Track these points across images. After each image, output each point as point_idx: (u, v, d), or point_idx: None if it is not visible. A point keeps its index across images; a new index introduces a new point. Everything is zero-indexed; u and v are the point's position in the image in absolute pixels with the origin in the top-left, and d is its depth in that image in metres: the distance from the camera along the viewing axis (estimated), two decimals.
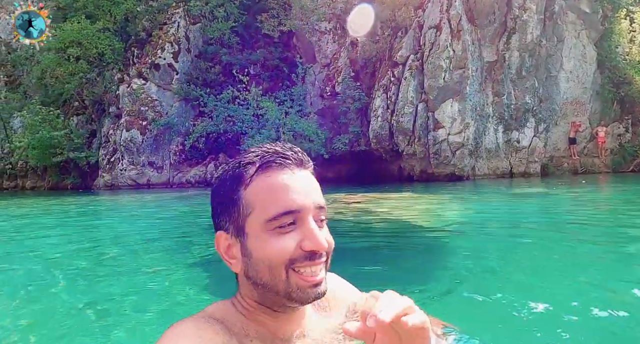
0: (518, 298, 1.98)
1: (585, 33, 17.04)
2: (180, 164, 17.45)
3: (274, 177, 0.83)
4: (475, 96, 14.68)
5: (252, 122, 15.86)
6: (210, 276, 2.84)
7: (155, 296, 2.46)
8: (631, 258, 2.83)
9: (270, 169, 0.83)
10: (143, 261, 3.55)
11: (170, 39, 17.38)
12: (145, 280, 2.87)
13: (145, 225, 6.14)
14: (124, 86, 17.58)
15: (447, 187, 10.91)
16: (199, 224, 5.72)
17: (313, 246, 0.80)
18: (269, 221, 0.81)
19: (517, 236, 3.98)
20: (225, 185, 0.86)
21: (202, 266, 3.19)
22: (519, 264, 2.76)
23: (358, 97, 15.57)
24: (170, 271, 3.11)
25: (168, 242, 4.45)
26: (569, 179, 13.78)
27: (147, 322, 2.03)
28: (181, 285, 2.70)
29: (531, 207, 6.64)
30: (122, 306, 2.29)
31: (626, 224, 4.56)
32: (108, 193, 15.42)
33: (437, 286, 2.34)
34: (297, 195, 0.82)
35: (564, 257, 2.90)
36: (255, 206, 0.82)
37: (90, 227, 6.07)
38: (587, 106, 17.25)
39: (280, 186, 0.82)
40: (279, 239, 0.81)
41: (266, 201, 0.81)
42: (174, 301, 2.35)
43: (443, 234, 4.24)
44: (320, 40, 16.84)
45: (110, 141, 18.02)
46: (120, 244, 4.42)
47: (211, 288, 2.59)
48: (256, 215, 0.82)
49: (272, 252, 0.80)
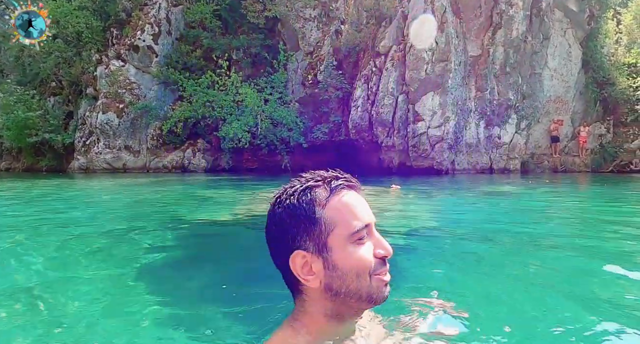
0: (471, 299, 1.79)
1: (572, 32, 16.96)
2: (158, 149, 17.08)
3: (348, 197, 0.97)
4: (458, 89, 14.52)
5: (232, 109, 15.52)
6: (143, 270, 2.62)
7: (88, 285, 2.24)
8: (594, 264, 2.68)
9: (343, 190, 0.98)
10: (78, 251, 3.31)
11: (150, 20, 16.91)
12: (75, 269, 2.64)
13: (96, 211, 5.89)
14: (102, 67, 17.10)
15: (424, 181, 10.75)
16: (149, 213, 5.48)
17: (385, 253, 0.97)
18: (353, 234, 0.94)
19: (474, 238, 3.81)
20: (300, 208, 0.95)
21: (146, 260, 2.98)
22: (478, 267, 2.56)
23: (340, 86, 15.32)
24: (107, 263, 2.88)
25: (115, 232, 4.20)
26: (536, 177, 13.75)
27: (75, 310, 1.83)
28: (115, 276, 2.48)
29: (495, 207, 6.51)
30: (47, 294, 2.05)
31: (590, 225, 4.42)
32: (82, 176, 15.04)
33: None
34: (367, 211, 0.99)
35: (527, 262, 2.72)
36: (338, 223, 0.94)
37: (40, 212, 5.80)
38: (570, 104, 17.23)
39: (355, 203, 0.97)
40: (360, 249, 0.94)
41: (347, 217, 0.94)
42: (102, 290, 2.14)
43: (405, 232, 3.87)
44: (304, 27, 16.52)
45: (86, 123, 17.56)
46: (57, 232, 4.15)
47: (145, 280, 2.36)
48: (339, 230, 0.94)
49: (359, 261, 0.94)
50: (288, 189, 0.99)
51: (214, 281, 2.27)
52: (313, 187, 0.96)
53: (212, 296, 1.97)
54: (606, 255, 2.70)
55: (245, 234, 3.91)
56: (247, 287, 2.03)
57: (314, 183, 0.97)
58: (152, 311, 1.73)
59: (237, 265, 2.64)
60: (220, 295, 1.95)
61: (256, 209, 5.22)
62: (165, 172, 16.30)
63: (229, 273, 2.44)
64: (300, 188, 0.97)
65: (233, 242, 3.51)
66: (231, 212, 5.04)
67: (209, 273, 2.46)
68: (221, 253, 3.11)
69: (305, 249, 0.94)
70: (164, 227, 3.99)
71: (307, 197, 0.95)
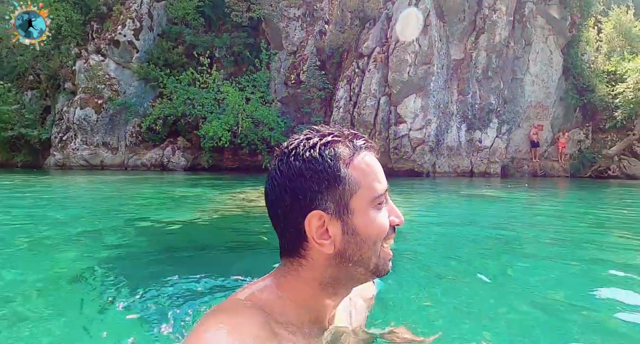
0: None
1: (553, 38, 17.16)
2: (136, 147, 16.76)
3: (370, 158, 0.89)
4: (440, 92, 14.56)
5: (212, 107, 15.31)
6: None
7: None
8: (563, 268, 2.62)
9: (365, 150, 0.89)
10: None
11: (132, 15, 16.60)
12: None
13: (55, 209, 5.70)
14: (81, 61, 16.72)
15: (403, 184, 10.71)
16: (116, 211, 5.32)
17: (398, 221, 0.90)
18: (376, 197, 0.86)
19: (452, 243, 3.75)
20: (325, 163, 0.84)
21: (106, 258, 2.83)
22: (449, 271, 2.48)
23: (323, 86, 15.24)
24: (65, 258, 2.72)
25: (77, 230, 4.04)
26: (517, 181, 13.85)
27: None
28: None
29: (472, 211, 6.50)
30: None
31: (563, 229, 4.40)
32: (56, 173, 14.68)
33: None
34: (383, 175, 0.90)
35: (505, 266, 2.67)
36: (362, 184, 0.85)
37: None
38: (550, 110, 17.43)
39: (375, 166, 0.89)
40: (380, 215, 0.87)
41: (371, 179, 0.87)
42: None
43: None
44: (288, 26, 16.40)
45: (64, 119, 17.15)
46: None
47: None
48: (363, 192, 0.85)
49: (379, 227, 0.87)
50: (304, 140, 0.87)
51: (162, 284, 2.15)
52: (335, 142, 0.86)
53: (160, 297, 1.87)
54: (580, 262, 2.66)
55: (207, 234, 3.79)
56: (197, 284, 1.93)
57: (334, 138, 0.87)
58: (93, 312, 1.68)
59: (193, 264, 2.52)
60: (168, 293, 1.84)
61: (224, 209, 5.09)
62: (144, 170, 16.00)
63: (181, 273, 2.32)
64: (320, 141, 0.86)
65: (193, 243, 3.39)
66: (199, 212, 4.90)
67: (158, 275, 2.34)
68: (179, 254, 2.98)
69: (324, 209, 0.84)
70: (120, 227, 3.84)
71: (331, 152, 0.85)
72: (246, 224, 4.23)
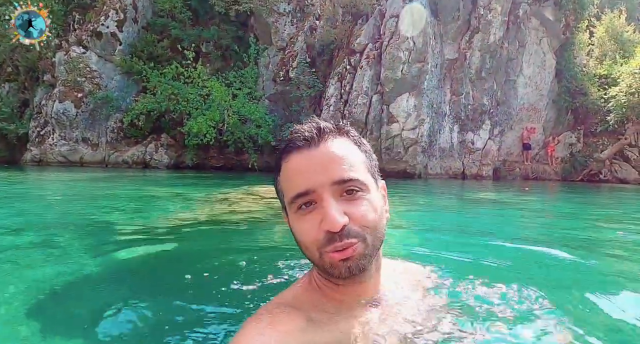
0: None
1: (547, 40, 16.96)
2: (118, 143, 16.10)
3: (291, 162, 0.88)
4: (433, 92, 14.21)
5: (197, 103, 14.73)
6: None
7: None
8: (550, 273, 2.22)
9: (290, 154, 0.89)
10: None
11: (115, 6, 15.94)
12: None
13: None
14: (62, 53, 15.99)
15: (395, 186, 10.29)
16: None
17: (327, 227, 0.82)
18: (289, 204, 0.89)
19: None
20: (276, 173, 0.94)
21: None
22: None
23: (312, 84, 14.78)
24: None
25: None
26: (510, 184, 13.56)
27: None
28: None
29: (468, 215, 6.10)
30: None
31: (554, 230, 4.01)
32: (33, 170, 13.96)
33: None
34: (306, 175, 0.85)
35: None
36: (285, 192, 0.90)
37: None
38: (543, 112, 17.23)
39: (294, 170, 0.88)
40: (303, 220, 0.86)
41: (287, 186, 0.89)
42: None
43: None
44: (277, 21, 15.91)
45: (42, 113, 16.42)
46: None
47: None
48: (286, 198, 0.90)
49: (301, 233, 0.87)
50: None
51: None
52: (280, 152, 0.92)
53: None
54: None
55: (180, 241, 3.29)
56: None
57: (282, 147, 0.92)
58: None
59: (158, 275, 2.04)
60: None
61: (201, 213, 4.60)
62: (126, 167, 15.36)
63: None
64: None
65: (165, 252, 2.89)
66: (172, 216, 4.40)
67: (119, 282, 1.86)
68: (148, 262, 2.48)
69: (286, 214, 0.93)
70: (80, 230, 3.33)
71: (278, 165, 0.92)
72: (224, 231, 3.75)
